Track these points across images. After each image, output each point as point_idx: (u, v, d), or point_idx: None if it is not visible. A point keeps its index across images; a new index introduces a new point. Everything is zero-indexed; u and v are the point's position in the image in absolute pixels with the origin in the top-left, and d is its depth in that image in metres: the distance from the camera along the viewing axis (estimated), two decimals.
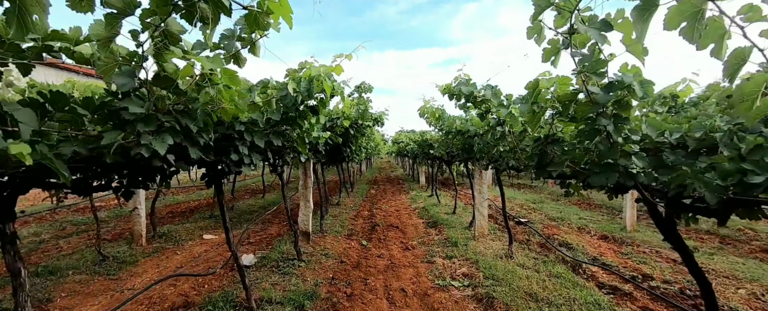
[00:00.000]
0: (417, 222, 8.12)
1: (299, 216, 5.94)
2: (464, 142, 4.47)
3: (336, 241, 6.38)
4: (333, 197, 11.87)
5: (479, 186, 6.21)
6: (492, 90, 2.90)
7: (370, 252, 5.83)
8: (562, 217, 8.72)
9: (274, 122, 2.82)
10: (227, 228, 3.27)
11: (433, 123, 5.44)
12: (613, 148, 1.61)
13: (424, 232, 7.17)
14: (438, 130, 5.54)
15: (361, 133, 6.09)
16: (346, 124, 4.38)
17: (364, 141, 8.04)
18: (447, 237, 6.49)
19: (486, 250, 5.65)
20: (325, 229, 7.05)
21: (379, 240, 6.55)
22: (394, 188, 15.53)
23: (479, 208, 6.23)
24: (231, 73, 1.59)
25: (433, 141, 7.72)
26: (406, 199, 11.87)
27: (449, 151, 6.79)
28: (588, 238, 6.77)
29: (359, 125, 5.52)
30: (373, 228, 7.47)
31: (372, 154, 15.06)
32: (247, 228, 6.68)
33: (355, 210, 9.68)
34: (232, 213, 9.69)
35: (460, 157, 6.04)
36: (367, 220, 8.43)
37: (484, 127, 3.48)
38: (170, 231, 7.44)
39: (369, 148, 10.17)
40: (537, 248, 6.05)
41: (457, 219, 8.15)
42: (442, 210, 9.28)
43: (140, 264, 5.61)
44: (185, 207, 10.99)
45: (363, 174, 23.28)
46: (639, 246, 6.28)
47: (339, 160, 7.59)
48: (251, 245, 6.39)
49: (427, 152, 8.64)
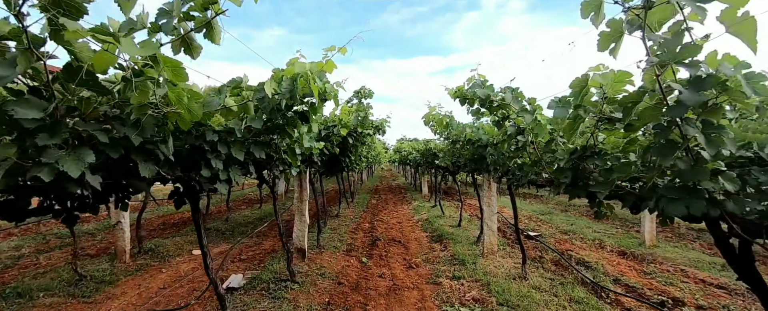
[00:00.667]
0: (420, 236, 7.65)
1: (294, 231, 5.50)
2: (474, 152, 4.04)
3: (334, 258, 5.92)
4: (332, 208, 11.41)
5: (488, 198, 5.75)
6: (512, 93, 2.47)
7: (370, 271, 5.36)
8: (574, 230, 8.24)
9: (256, 131, 2.39)
10: (205, 252, 2.82)
11: (438, 131, 5.01)
12: (698, 167, 1.18)
13: (429, 247, 6.70)
14: (444, 139, 5.11)
15: (360, 142, 5.67)
16: (343, 133, 3.95)
17: (364, 150, 7.62)
18: (453, 254, 6.02)
19: (497, 269, 5.18)
20: (323, 244, 6.59)
21: (381, 257, 6.08)
22: (396, 198, 15.07)
23: (488, 222, 5.77)
24: (173, 63, 1.17)
25: (437, 150, 7.29)
26: (409, 210, 11.40)
27: (455, 161, 6.35)
28: (605, 255, 6.29)
29: (358, 134, 5.10)
30: (374, 242, 7.01)
31: (373, 162, 14.63)
32: (235, 244, 6.22)
33: (355, 223, 9.22)
34: (226, 225, 9.24)
35: (467, 168, 5.60)
36: (368, 234, 7.96)
37: (500, 136, 3.06)
38: (158, 246, 6.99)
39: (370, 157, 9.74)
40: (551, 266, 5.57)
41: (463, 232, 7.68)
42: (447, 223, 8.81)
43: (120, 285, 5.16)
44: (179, 218, 10.54)
45: (364, 183, 22.82)
46: (662, 263, 5.80)
47: (337, 171, 7.16)
48: (242, 262, 5.93)
49: (431, 162, 8.21)
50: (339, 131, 3.87)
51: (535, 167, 2.64)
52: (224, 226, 9.05)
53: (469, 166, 5.42)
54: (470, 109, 2.94)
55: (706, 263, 5.73)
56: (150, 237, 8.06)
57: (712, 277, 5.18)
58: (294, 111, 2.45)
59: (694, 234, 7.79)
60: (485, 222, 5.78)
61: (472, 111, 2.92)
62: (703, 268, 5.55)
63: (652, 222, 6.75)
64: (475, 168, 5.18)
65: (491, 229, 5.78)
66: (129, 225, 6.15)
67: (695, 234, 7.84)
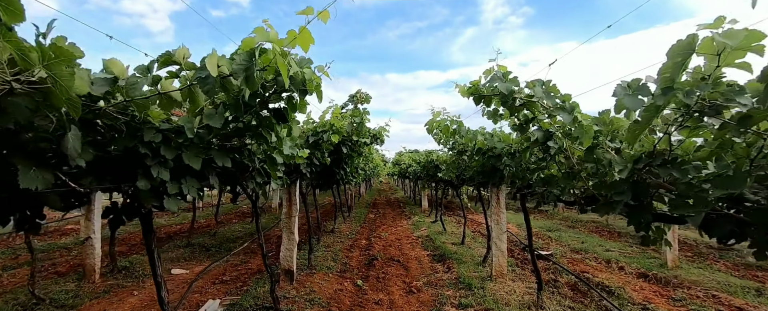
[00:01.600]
0: (421, 255, 7.07)
1: (281, 251, 4.93)
2: (485, 163, 3.53)
3: (326, 280, 5.33)
4: (327, 223, 10.82)
5: (496, 215, 5.21)
6: (543, 87, 1.97)
7: (366, 296, 4.78)
8: (586, 248, 7.67)
9: (218, 133, 1.87)
10: (158, 282, 2.27)
11: (443, 140, 4.51)
12: None
13: (430, 268, 6.12)
14: (448, 149, 4.60)
15: (356, 152, 5.15)
16: (334, 140, 3.44)
17: (361, 162, 7.10)
18: (458, 277, 5.44)
19: (508, 296, 4.61)
20: (315, 264, 6.00)
21: (378, 279, 5.50)
22: (394, 212, 14.48)
23: (496, 242, 5.21)
24: None
25: (440, 162, 6.78)
26: (408, 226, 10.81)
27: (460, 175, 5.83)
28: (625, 277, 5.72)
29: (354, 143, 4.58)
30: (371, 262, 6.42)
31: (371, 175, 14.08)
32: (210, 266, 5.63)
33: (351, 239, 8.63)
34: (213, 240, 8.64)
35: (474, 181, 5.08)
36: (364, 252, 7.38)
37: (521, 143, 2.56)
38: (134, 264, 6.40)
39: (367, 170, 9.21)
40: (568, 292, 5.00)
41: (467, 251, 7.11)
42: (449, 240, 8.23)
43: (83, 309, 4.57)
44: (164, 232, 9.94)
45: (362, 197, 22.23)
46: (689, 288, 5.23)
47: (332, 183, 6.62)
48: (224, 285, 5.33)
49: (433, 175, 7.68)
50: (330, 138, 3.36)
51: (569, 181, 2.12)
52: (211, 242, 8.45)
53: (476, 179, 4.89)
54: (486, 111, 2.43)
55: (739, 287, 5.17)
56: (129, 253, 7.46)
57: (750, 304, 4.62)
58: (268, 108, 1.94)
59: (715, 254, 7.23)
60: (493, 241, 5.22)
61: (488, 113, 2.41)
62: (737, 293, 4.98)
63: (675, 242, 6.19)
64: (485, 181, 4.66)
65: (500, 249, 5.22)
66: (100, 240, 5.57)
67: (716, 253, 7.28)
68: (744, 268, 6.33)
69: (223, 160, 1.91)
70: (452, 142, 4.52)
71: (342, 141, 4.28)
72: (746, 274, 5.97)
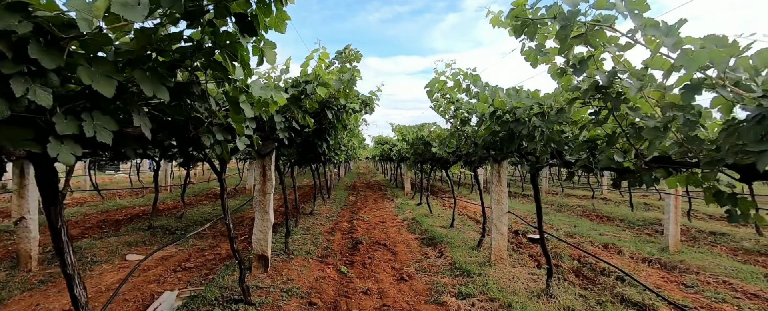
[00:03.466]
0: (409, 239, 6.53)
1: (254, 233, 4.26)
2: (500, 129, 2.94)
3: (305, 267, 4.71)
4: (305, 206, 10.14)
5: (497, 194, 4.69)
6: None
7: (351, 285, 4.20)
8: (580, 233, 7.32)
9: (146, 43, 1.18)
10: (69, 275, 1.58)
11: (444, 107, 3.90)
12: None
13: (421, 253, 5.59)
14: (449, 118, 3.99)
15: (342, 124, 4.48)
16: (321, 94, 2.75)
17: (346, 136, 6.43)
18: (453, 262, 4.93)
19: (513, 284, 4.12)
20: (293, 249, 5.36)
21: (364, 265, 4.92)
22: (376, 195, 13.92)
23: (496, 224, 4.70)
24: None
25: (432, 138, 6.19)
26: (391, 208, 10.27)
27: (456, 150, 5.26)
28: (628, 262, 5.35)
29: (341, 108, 3.91)
30: (355, 246, 5.83)
31: (352, 156, 13.43)
32: (160, 248, 4.95)
33: (332, 221, 8.00)
34: (180, 223, 7.84)
35: (473, 156, 4.51)
36: (347, 235, 6.78)
37: (568, 94, 1.98)
38: (84, 249, 5.60)
39: (349, 148, 8.55)
40: (573, 278, 4.57)
41: (458, 234, 6.61)
42: (437, 223, 7.73)
43: (11, 303, 3.80)
44: (126, 214, 9.05)
45: (341, 179, 21.57)
46: (697, 273, 4.90)
47: (312, 159, 5.94)
48: (187, 272, 4.64)
49: (421, 152, 7.10)
50: (315, 90, 2.67)
51: (639, 139, 1.54)
52: (177, 224, 7.65)
53: (477, 154, 4.33)
54: (527, 48, 1.81)
55: (748, 273, 4.87)
56: (82, 236, 6.61)
57: (765, 291, 4.31)
58: (228, 10, 1.26)
59: (710, 239, 7.01)
60: (493, 223, 4.71)
61: (529, 51, 1.80)
62: (747, 279, 4.67)
63: (677, 226, 5.87)
64: (486, 157, 4.11)
65: (500, 232, 4.72)
66: (37, 221, 4.74)
67: (711, 238, 7.07)
68: (743, 253, 6.10)
69: (154, 88, 1.22)
70: (454, 109, 3.91)
71: (327, 103, 3.60)
72: (748, 259, 5.72)
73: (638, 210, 10.80)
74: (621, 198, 14.68)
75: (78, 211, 9.07)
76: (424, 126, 6.22)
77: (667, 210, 5.92)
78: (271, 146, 4.14)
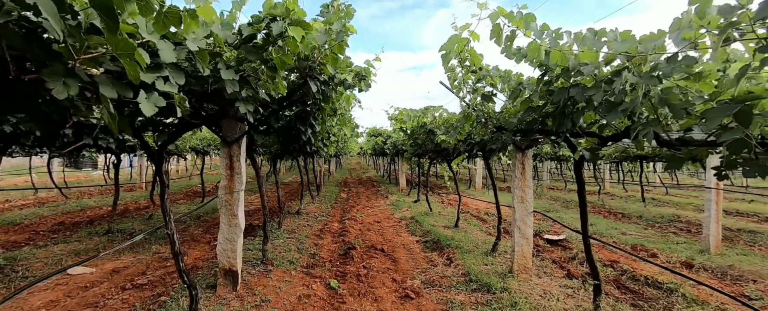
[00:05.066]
0: (409, 241, 5.67)
1: (218, 242, 3.35)
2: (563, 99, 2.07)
3: (286, 281, 3.82)
4: (292, 204, 9.21)
5: (521, 190, 3.85)
6: None
7: (344, 307, 3.32)
8: (600, 232, 6.55)
9: None
10: None
11: (462, 77, 3.02)
12: None
13: (426, 259, 4.73)
14: (469, 92, 3.12)
15: (330, 102, 3.58)
16: (295, 44, 1.83)
17: (335, 123, 5.52)
18: (466, 272, 4.08)
19: (546, 301, 3.28)
20: (272, 257, 4.46)
21: (359, 278, 4.04)
22: (369, 191, 13.03)
23: (520, 226, 3.86)
24: None
25: (436, 126, 5.31)
26: (386, 206, 9.40)
27: (467, 139, 4.40)
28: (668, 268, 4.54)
29: (328, 80, 3.01)
30: (348, 252, 4.95)
31: (343, 150, 12.51)
32: (99, 256, 4.07)
33: (321, 222, 7.10)
34: (145, 225, 6.87)
35: (495, 143, 3.65)
36: (338, 237, 5.89)
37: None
38: (19, 260, 4.64)
39: (340, 139, 7.64)
40: (615, 290, 3.76)
41: (466, 236, 5.77)
42: (439, 222, 6.89)
43: None
44: (88, 215, 8.03)
45: (332, 175, 20.63)
46: (755, 281, 4.13)
47: (297, 151, 5.02)
48: (137, 291, 3.71)
49: (422, 143, 6.22)
50: (284, 31, 1.74)
51: None
52: (142, 227, 6.68)
53: (502, 140, 3.48)
54: None
55: None
56: (25, 243, 5.60)
57: None
58: None
59: (747, 238, 6.28)
60: (516, 225, 3.86)
61: None
62: None
63: (719, 224, 5.10)
64: (514, 141, 3.26)
65: (525, 236, 3.88)
66: None
67: (748, 237, 6.34)
68: None
69: None
70: (473, 81, 3.03)
71: (309, 71, 2.69)
72: None
73: (648, 205, 10.11)
74: (625, 192, 14.03)
75: (34, 213, 8.03)
76: (428, 110, 5.34)
77: (708, 207, 5.14)
78: (237, 130, 3.23)
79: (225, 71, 1.59)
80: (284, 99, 3.15)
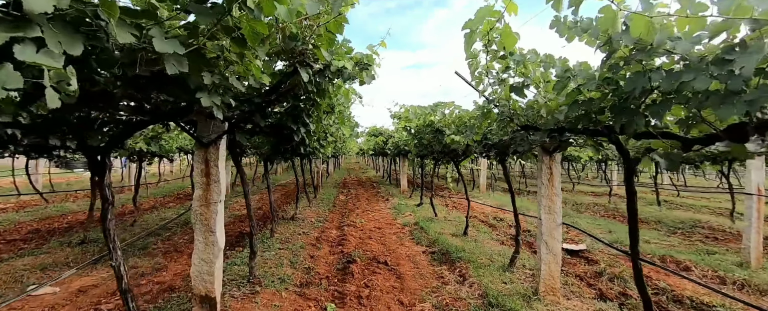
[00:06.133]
0: (414, 252, 5.13)
1: (192, 263, 2.80)
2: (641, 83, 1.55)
3: (275, 306, 3.28)
4: (287, 208, 8.65)
5: (548, 198, 3.32)
6: None
7: None
8: (621, 240, 6.02)
9: None
10: None
11: (485, 69, 2.50)
12: None
13: (435, 276, 4.20)
14: (493, 82, 2.58)
15: (326, 95, 3.04)
16: (271, 4, 1.33)
17: (333, 122, 4.98)
18: (484, 292, 3.55)
19: None
20: (260, 275, 3.92)
21: (360, 300, 3.50)
22: (368, 193, 12.48)
23: (547, 241, 3.33)
24: None
25: (445, 124, 4.77)
26: (388, 209, 8.86)
27: (484, 140, 3.86)
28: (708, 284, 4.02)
29: (324, 68, 2.48)
30: (346, 266, 4.41)
31: (342, 150, 11.96)
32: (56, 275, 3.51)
33: (317, 228, 6.56)
34: (128, 233, 6.31)
35: (523, 144, 3.12)
36: (337, 247, 5.35)
37: None
38: None
39: (338, 139, 7.10)
40: None
41: (477, 247, 5.24)
42: (446, 229, 6.35)
43: None
44: (68, 221, 7.46)
45: (330, 176, 20.07)
46: None
47: (290, 152, 4.48)
48: None
49: (428, 143, 5.68)
50: None
51: None
52: (124, 236, 6.12)
53: (524, 141, 2.95)
54: None
55: None
56: None
57: None
58: None
59: None
60: (543, 239, 3.33)
61: None
62: None
63: (760, 234, 4.58)
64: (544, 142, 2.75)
65: (553, 252, 3.34)
66: None
67: None
68: None
69: None
70: (497, 70, 2.50)
71: (299, 56, 2.16)
72: None
73: (662, 208, 9.59)
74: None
75: (9, 219, 7.47)
76: (438, 106, 4.79)
77: (748, 215, 4.62)
78: (214, 129, 2.68)
79: (160, 41, 1.05)
80: (271, 92, 2.60)
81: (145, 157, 7.06)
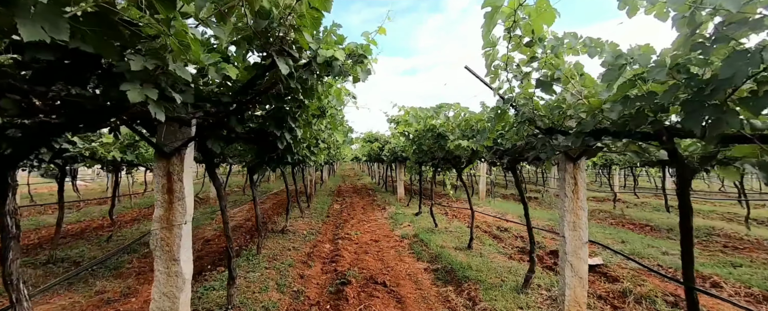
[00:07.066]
0: (416, 270, 4.66)
1: (153, 298, 2.31)
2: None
3: None
4: (277, 219, 8.13)
5: (573, 213, 2.88)
6: None
7: None
8: (637, 251, 5.60)
9: None
10: None
11: (505, 62, 2.07)
12: None
13: (440, 299, 3.72)
14: (514, 77, 2.15)
15: (312, 92, 2.59)
16: None
17: (324, 128, 4.52)
18: None
19: None
20: (241, 302, 3.42)
21: None
22: (364, 201, 11.98)
23: (573, 262, 2.88)
24: None
25: (449, 129, 4.32)
26: (384, 219, 8.38)
27: (494, 146, 3.42)
28: (744, 304, 3.59)
29: (310, 60, 2.03)
30: (340, 289, 3.92)
31: (336, 157, 11.48)
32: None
33: (309, 242, 6.07)
34: (101, 250, 5.77)
35: (545, 149, 2.68)
36: (329, 264, 4.87)
37: None
38: None
39: (331, 145, 6.63)
40: None
41: (485, 263, 4.77)
42: (449, 242, 5.88)
43: None
44: (41, 236, 6.90)
45: (324, 183, 19.53)
46: None
47: (276, 160, 4.01)
48: None
49: (428, 149, 5.22)
50: None
51: None
52: (95, 253, 5.57)
53: (552, 145, 2.52)
54: None
55: None
56: None
57: None
58: None
59: None
60: (568, 260, 2.88)
61: None
62: None
63: None
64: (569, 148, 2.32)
65: (578, 274, 2.90)
66: None
67: None
68: None
69: None
70: (526, 60, 2.07)
71: (278, 44, 1.72)
72: None
73: (672, 214, 9.21)
74: (637, 199, 13.16)
75: None
76: (441, 108, 4.35)
77: None
78: (179, 135, 2.21)
79: None
80: (245, 89, 2.14)
81: (122, 167, 6.53)
